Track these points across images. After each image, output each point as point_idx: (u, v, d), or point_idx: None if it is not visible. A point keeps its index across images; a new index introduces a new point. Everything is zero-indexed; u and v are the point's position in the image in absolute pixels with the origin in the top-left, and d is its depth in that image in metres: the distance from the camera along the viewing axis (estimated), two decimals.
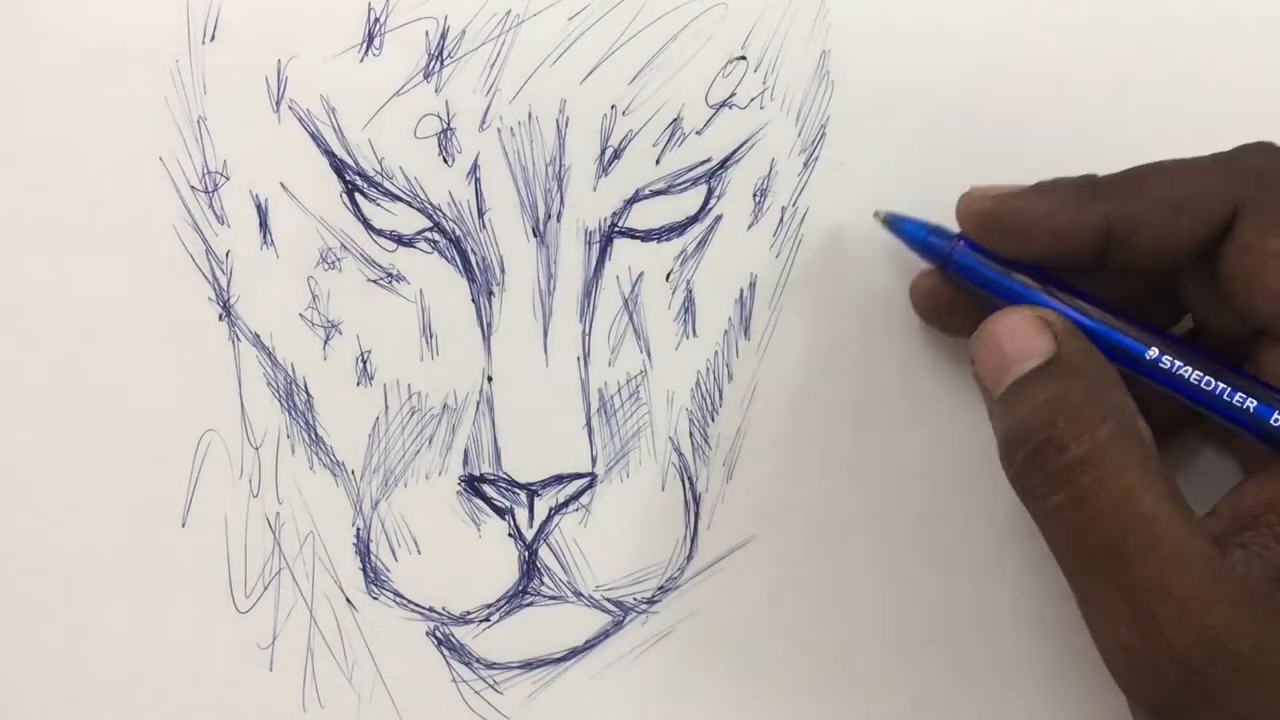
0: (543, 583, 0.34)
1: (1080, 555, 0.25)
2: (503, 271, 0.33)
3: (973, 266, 0.29)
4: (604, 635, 0.35)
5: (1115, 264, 0.27)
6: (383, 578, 0.34)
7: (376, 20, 0.33)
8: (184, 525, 0.34)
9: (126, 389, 0.34)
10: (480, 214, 0.33)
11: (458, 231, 0.33)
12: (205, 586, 0.34)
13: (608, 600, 0.34)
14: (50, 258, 0.33)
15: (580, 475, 0.34)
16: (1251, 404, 0.25)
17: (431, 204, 0.33)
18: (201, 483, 0.34)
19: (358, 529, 0.34)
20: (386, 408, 0.34)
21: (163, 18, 0.32)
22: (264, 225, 0.33)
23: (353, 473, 0.34)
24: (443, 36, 0.33)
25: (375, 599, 0.34)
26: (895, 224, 0.32)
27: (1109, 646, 0.24)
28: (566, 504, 0.34)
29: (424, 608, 0.34)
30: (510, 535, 0.34)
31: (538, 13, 0.33)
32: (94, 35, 0.33)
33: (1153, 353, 0.26)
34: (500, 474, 0.34)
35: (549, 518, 0.34)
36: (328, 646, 0.34)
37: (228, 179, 0.33)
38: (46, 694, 0.34)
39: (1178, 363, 0.26)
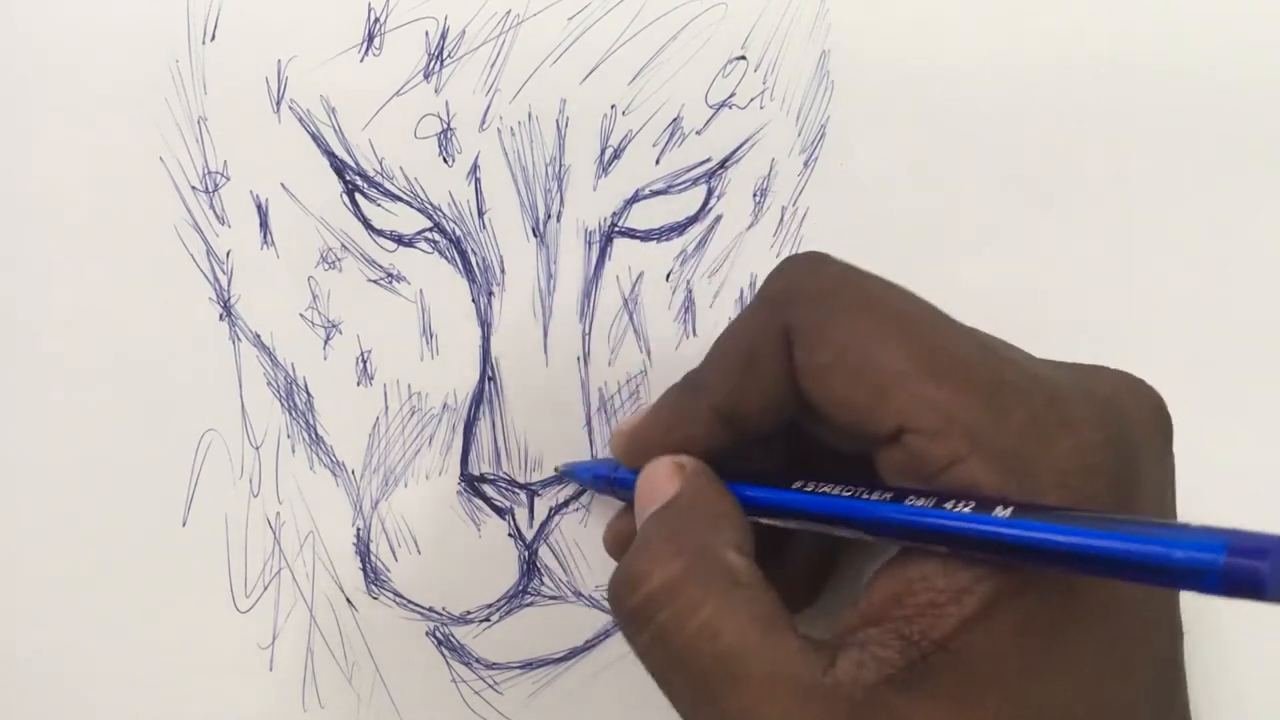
0: (543, 583, 0.34)
1: (675, 696, 0.24)
2: (503, 271, 0.33)
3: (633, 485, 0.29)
4: (604, 635, 0.35)
5: (748, 434, 0.27)
6: (383, 578, 0.34)
7: (376, 20, 0.33)
8: (184, 525, 0.34)
9: (127, 389, 0.34)
10: (480, 214, 0.33)
11: (458, 231, 0.33)
12: (205, 586, 0.34)
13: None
14: (51, 258, 0.33)
15: None
16: (888, 496, 0.24)
17: (431, 204, 0.33)
18: (202, 482, 0.34)
19: (358, 529, 0.34)
20: (386, 408, 0.34)
21: (163, 18, 0.32)
22: (264, 225, 0.33)
23: (353, 473, 0.34)
24: (443, 36, 0.33)
25: (375, 599, 0.34)
26: (571, 474, 0.33)
27: None
28: (566, 504, 0.34)
29: (424, 608, 0.34)
30: (510, 535, 0.34)
31: (538, 13, 0.33)
32: (94, 35, 0.33)
33: (796, 485, 0.26)
34: (500, 474, 0.34)
35: (549, 518, 0.34)
36: (328, 646, 0.34)
37: (228, 179, 0.33)
38: (47, 694, 0.34)
39: (819, 486, 0.25)
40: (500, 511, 0.34)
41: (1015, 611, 0.22)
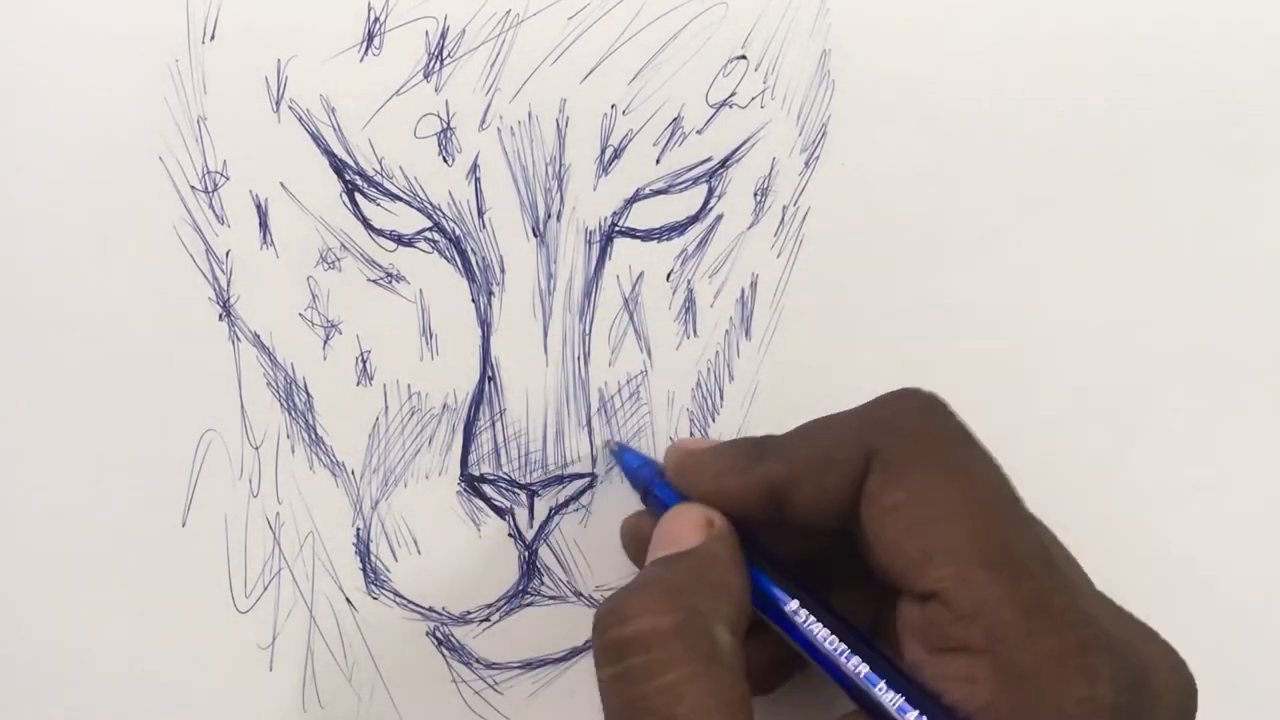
0: (543, 583, 0.34)
1: None
2: (503, 271, 0.33)
3: (665, 502, 0.30)
4: None
5: (790, 519, 0.28)
6: (383, 578, 0.34)
7: (376, 20, 0.33)
8: (184, 525, 0.34)
9: (127, 389, 0.34)
10: (480, 214, 0.33)
11: (458, 231, 0.33)
12: (205, 586, 0.34)
13: None
14: (51, 258, 0.33)
15: (580, 475, 0.34)
16: (862, 670, 0.25)
17: (431, 204, 0.33)
18: (201, 483, 0.34)
19: (358, 529, 0.34)
20: (386, 408, 0.34)
21: (163, 18, 0.32)
22: (264, 225, 0.33)
23: (353, 473, 0.34)
24: (442, 36, 0.33)
25: (375, 599, 0.34)
26: (619, 454, 0.33)
27: None
28: (566, 504, 0.34)
29: (424, 608, 0.34)
30: (510, 535, 0.34)
31: (537, 12, 0.33)
32: (94, 35, 0.33)
33: (792, 606, 0.27)
34: (500, 474, 0.34)
35: (549, 518, 0.34)
36: (327, 646, 0.34)
37: (227, 179, 0.33)
38: (47, 694, 0.34)
39: (811, 620, 0.26)
40: (500, 511, 0.34)
41: None
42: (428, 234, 0.33)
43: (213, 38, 0.33)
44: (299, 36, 0.33)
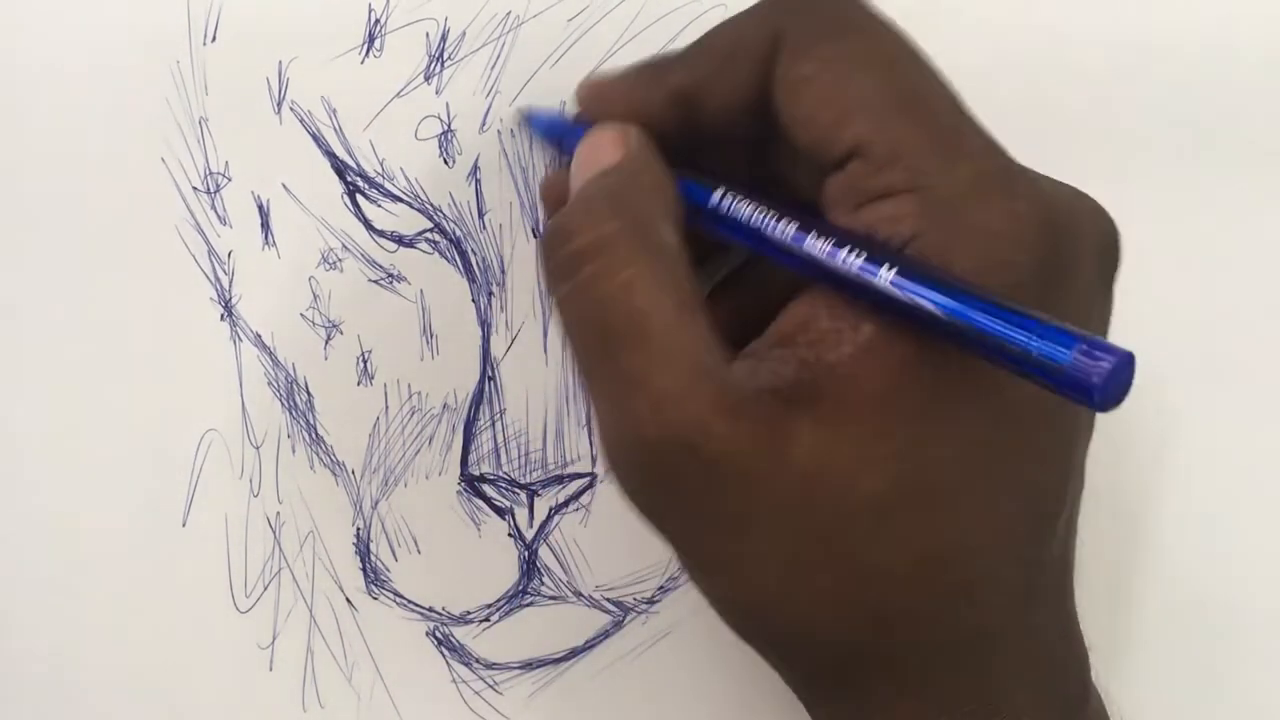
0: (543, 583, 0.34)
1: (579, 343, 0.25)
2: (503, 271, 0.34)
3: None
4: (604, 635, 0.35)
5: (706, 124, 0.27)
6: (383, 578, 0.34)
7: (377, 22, 0.33)
8: (184, 525, 0.34)
9: (128, 389, 0.34)
10: (481, 215, 0.33)
11: (458, 232, 0.34)
12: (205, 586, 0.34)
13: (608, 600, 0.35)
14: (52, 259, 0.33)
15: (580, 475, 0.34)
16: (791, 230, 0.24)
17: (432, 205, 0.33)
18: (202, 483, 0.34)
19: (358, 529, 0.34)
20: (387, 407, 0.34)
21: (163, 18, 0.33)
22: (265, 226, 0.34)
23: (353, 472, 0.34)
24: (443, 38, 0.33)
25: (375, 599, 0.34)
26: (528, 118, 0.33)
27: (600, 433, 0.24)
28: (566, 504, 0.34)
29: (424, 608, 0.34)
30: (510, 535, 0.34)
31: (538, 14, 0.33)
32: (95, 36, 0.33)
33: (716, 197, 0.26)
34: (500, 474, 0.34)
35: (549, 518, 0.34)
36: (328, 646, 0.34)
37: (229, 180, 0.33)
38: (46, 694, 0.34)
39: (737, 203, 0.26)
40: (500, 511, 0.34)
41: (907, 346, 0.22)
42: (429, 235, 0.34)
43: (214, 39, 0.33)
44: (300, 38, 0.33)
